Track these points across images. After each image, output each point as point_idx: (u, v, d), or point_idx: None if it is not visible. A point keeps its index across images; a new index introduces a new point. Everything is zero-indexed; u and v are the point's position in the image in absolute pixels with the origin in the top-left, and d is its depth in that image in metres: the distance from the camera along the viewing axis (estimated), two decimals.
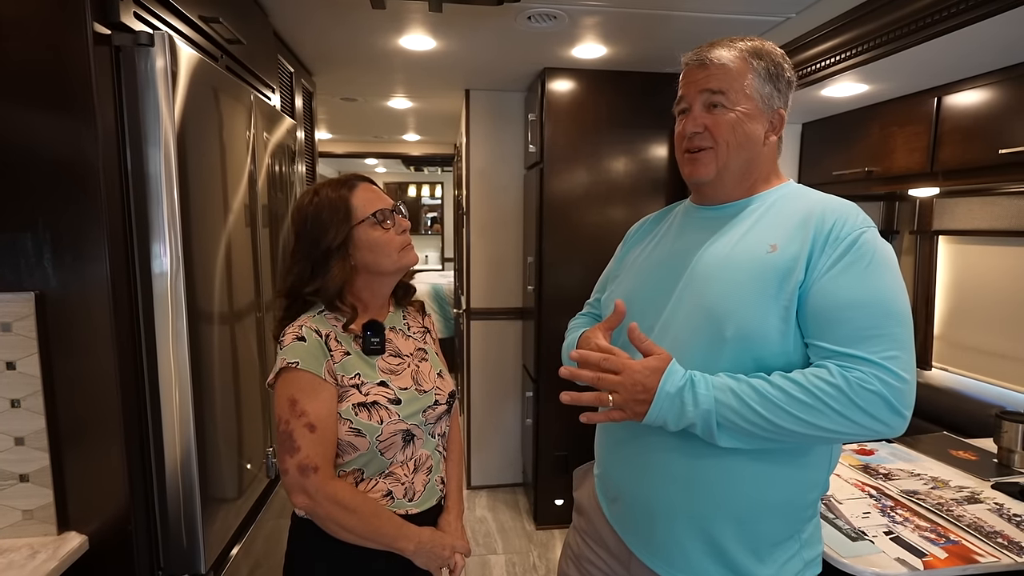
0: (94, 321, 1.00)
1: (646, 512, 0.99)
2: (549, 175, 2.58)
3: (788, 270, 0.88)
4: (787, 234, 0.91)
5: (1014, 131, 1.57)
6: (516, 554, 2.62)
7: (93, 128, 0.96)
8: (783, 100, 0.98)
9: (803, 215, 0.92)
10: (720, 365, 0.90)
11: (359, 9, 1.78)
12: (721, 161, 0.97)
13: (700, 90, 0.97)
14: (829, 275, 0.86)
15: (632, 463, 1.01)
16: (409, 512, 1.08)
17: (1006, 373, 2.03)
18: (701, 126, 0.96)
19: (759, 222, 0.95)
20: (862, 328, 0.84)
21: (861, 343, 0.83)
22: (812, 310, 0.87)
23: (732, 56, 0.95)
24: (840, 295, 0.85)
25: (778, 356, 0.89)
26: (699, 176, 0.99)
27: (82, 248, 0.99)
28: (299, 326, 1.03)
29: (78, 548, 1.02)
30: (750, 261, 0.91)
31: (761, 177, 1.00)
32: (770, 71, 0.95)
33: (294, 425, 0.98)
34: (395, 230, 1.07)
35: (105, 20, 0.97)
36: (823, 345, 0.86)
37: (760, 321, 0.88)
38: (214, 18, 1.32)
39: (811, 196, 0.97)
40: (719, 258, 0.95)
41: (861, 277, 0.86)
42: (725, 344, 0.89)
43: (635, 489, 1.00)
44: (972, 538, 1.24)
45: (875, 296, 0.85)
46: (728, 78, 0.94)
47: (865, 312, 0.84)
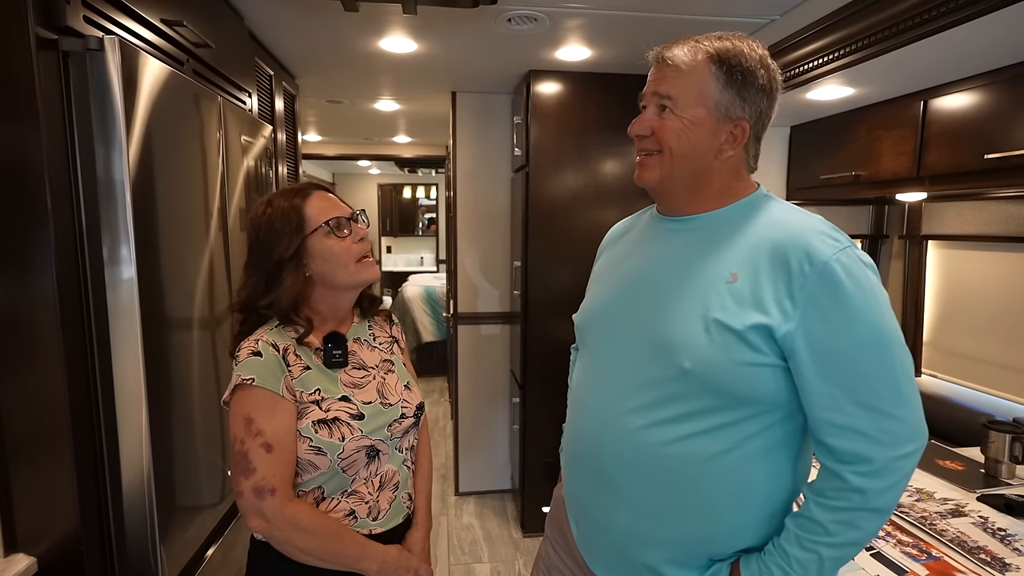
0: (41, 333, 0.97)
1: (605, 535, 0.96)
2: (535, 178, 2.55)
3: (748, 303, 0.82)
4: (746, 263, 0.84)
5: (1000, 135, 1.54)
6: (502, 563, 2.59)
7: (37, 135, 0.92)
8: (750, 110, 0.88)
9: (766, 244, 0.85)
10: (683, 397, 0.86)
11: (334, 11, 1.74)
12: (666, 169, 0.91)
13: (652, 91, 0.91)
14: (806, 324, 0.80)
15: (589, 480, 0.98)
16: (373, 532, 1.05)
17: (996, 380, 2.00)
18: (648, 129, 0.91)
19: (720, 245, 0.89)
20: (852, 392, 0.80)
21: (853, 413, 0.80)
22: (800, 365, 0.82)
23: (688, 59, 0.87)
24: (822, 349, 0.80)
25: (743, 390, 0.84)
26: (644, 180, 0.94)
27: (27, 258, 0.95)
28: (255, 340, 0.99)
29: (26, 570, 0.98)
30: (709, 289, 0.85)
31: (718, 191, 0.92)
32: (734, 78, 0.86)
33: (250, 445, 0.94)
34: (352, 238, 1.04)
35: (49, 24, 0.94)
36: (819, 419, 0.83)
37: (719, 353, 0.82)
38: (178, 21, 1.29)
39: (775, 216, 0.89)
40: (678, 284, 0.89)
41: (841, 320, 0.79)
42: (686, 377, 0.85)
43: (594, 511, 0.97)
44: (954, 554, 1.20)
45: (861, 339, 0.79)
46: (680, 82, 0.88)
47: (853, 365, 0.79)
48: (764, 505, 0.89)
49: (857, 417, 0.80)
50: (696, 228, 0.94)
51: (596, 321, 1.02)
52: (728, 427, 0.85)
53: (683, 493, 0.87)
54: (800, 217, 0.88)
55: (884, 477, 0.80)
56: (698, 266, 0.89)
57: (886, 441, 0.80)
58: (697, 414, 0.86)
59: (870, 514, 0.82)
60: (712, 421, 0.85)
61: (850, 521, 0.82)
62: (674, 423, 0.87)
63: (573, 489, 1.03)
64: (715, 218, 0.93)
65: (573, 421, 1.03)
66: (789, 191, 2.56)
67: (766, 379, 0.83)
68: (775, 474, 0.88)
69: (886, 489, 0.81)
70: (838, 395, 0.80)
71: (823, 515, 0.82)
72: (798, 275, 0.80)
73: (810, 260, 0.80)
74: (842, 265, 0.80)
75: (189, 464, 1.29)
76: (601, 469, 0.94)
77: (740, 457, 0.86)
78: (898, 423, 0.80)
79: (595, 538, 0.99)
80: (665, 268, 0.93)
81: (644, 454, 0.88)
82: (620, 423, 0.91)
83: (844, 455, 0.81)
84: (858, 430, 0.80)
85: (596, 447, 0.94)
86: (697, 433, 0.86)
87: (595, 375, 0.99)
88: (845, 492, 0.81)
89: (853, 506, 0.81)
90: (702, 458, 0.86)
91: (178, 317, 1.25)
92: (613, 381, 0.94)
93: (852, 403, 0.80)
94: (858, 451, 0.80)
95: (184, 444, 1.27)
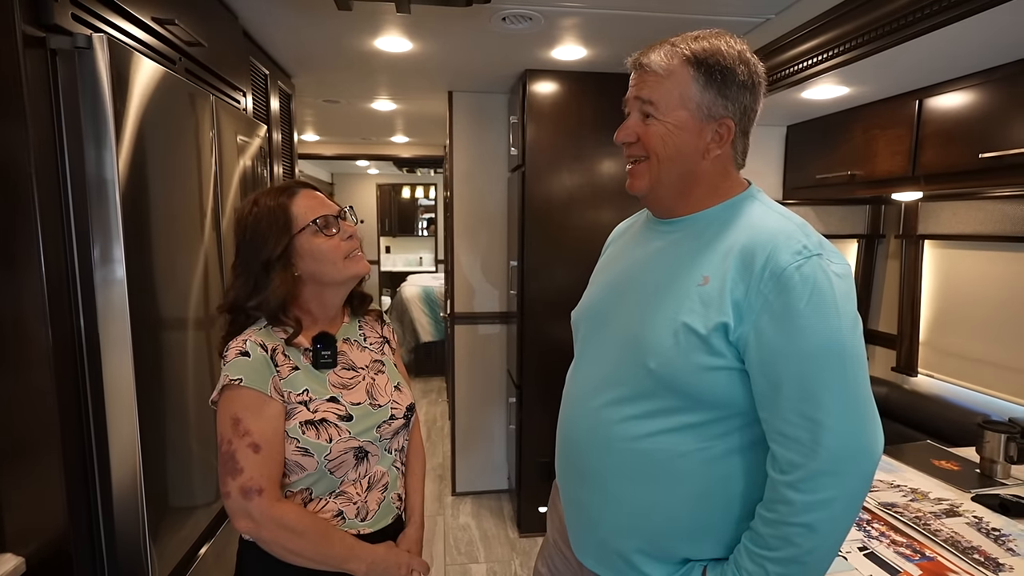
0: (30, 334, 0.97)
1: (586, 524, 0.97)
2: (531, 178, 2.55)
3: (714, 306, 0.82)
4: (717, 266, 0.85)
5: (995, 135, 1.54)
6: (498, 563, 2.58)
7: (25, 133, 0.92)
8: (733, 107, 0.87)
9: (737, 245, 0.85)
10: (649, 395, 0.87)
11: (328, 10, 1.74)
12: (654, 175, 0.91)
13: (634, 96, 0.91)
14: (759, 327, 0.80)
15: (571, 470, 1.00)
16: (362, 532, 1.04)
17: (992, 380, 2.00)
18: (634, 135, 0.91)
19: (700, 248, 0.89)
20: (796, 400, 0.78)
21: (794, 423, 0.78)
22: (750, 369, 0.82)
23: (666, 62, 0.87)
24: (769, 352, 0.79)
25: (704, 393, 0.84)
26: (634, 189, 0.95)
27: (14, 258, 0.95)
28: (243, 340, 0.98)
29: (13, 570, 0.98)
30: (681, 291, 0.86)
31: (706, 192, 0.92)
32: (714, 77, 0.86)
33: (237, 445, 0.94)
34: (340, 236, 1.03)
35: (37, 22, 0.93)
36: (767, 423, 0.83)
37: (680, 355, 0.83)
38: (169, 20, 1.28)
39: (752, 219, 0.88)
40: (654, 284, 0.91)
41: (790, 326, 0.78)
42: (651, 376, 0.86)
43: (577, 501, 0.99)
44: (948, 554, 1.20)
45: (807, 348, 0.78)
46: (659, 87, 0.87)
47: (797, 372, 0.78)
48: (728, 508, 0.88)
49: (796, 425, 0.78)
50: (681, 230, 0.94)
51: (587, 317, 1.05)
52: (695, 427, 0.86)
53: (653, 487, 0.89)
54: (776, 220, 0.87)
55: (812, 491, 0.77)
56: (676, 268, 0.90)
57: (820, 454, 0.77)
58: (665, 412, 0.87)
59: (802, 530, 0.78)
60: (679, 420, 0.86)
61: (784, 537, 0.79)
62: (646, 418, 0.88)
63: (561, 478, 1.06)
64: (700, 219, 0.93)
65: (561, 413, 1.06)
66: (785, 191, 2.55)
67: (724, 383, 0.83)
68: (739, 478, 0.87)
69: (814, 504, 0.77)
70: (781, 402, 0.79)
71: (763, 528, 0.82)
72: (757, 278, 0.80)
73: (771, 265, 0.80)
74: (802, 274, 0.78)
75: (182, 463, 1.29)
76: (582, 459, 0.96)
77: (706, 458, 0.86)
78: (836, 437, 0.77)
79: (578, 526, 1.01)
80: (649, 269, 0.95)
81: (618, 447, 0.90)
82: (597, 415, 0.93)
83: (782, 463, 0.80)
84: (795, 438, 0.79)
85: (578, 437, 0.97)
86: (667, 430, 0.87)
87: (581, 369, 1.02)
88: (775, 503, 0.80)
89: (781, 518, 0.79)
90: (672, 455, 0.87)
91: (171, 318, 1.24)
92: (594, 375, 0.96)
93: (793, 411, 0.79)
94: (792, 459, 0.79)
95: (177, 444, 1.26)
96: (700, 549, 0.90)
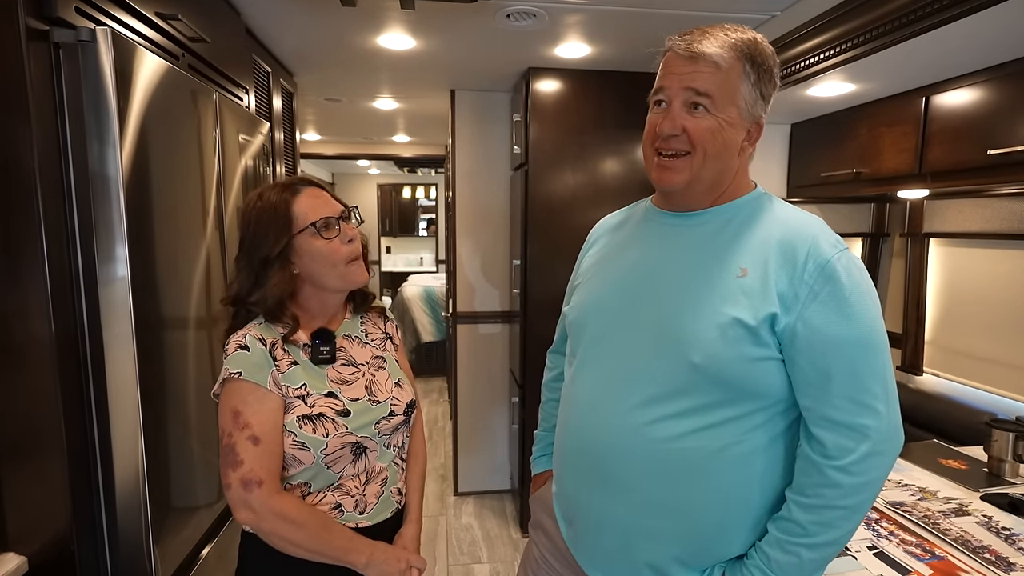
0: (32, 331, 0.96)
1: (605, 534, 0.94)
2: (534, 177, 2.54)
3: (758, 298, 0.83)
4: (755, 258, 0.86)
5: (1003, 132, 1.53)
6: (500, 563, 2.57)
7: (28, 128, 0.91)
8: (765, 107, 0.89)
9: (773, 238, 0.86)
10: (689, 391, 0.86)
11: (332, 7, 1.73)
12: (695, 170, 0.88)
13: (684, 87, 0.86)
14: (805, 317, 0.82)
15: (588, 478, 0.96)
16: (360, 525, 1.04)
17: (998, 379, 1.99)
18: (679, 128, 0.86)
19: (728, 240, 0.89)
20: (846, 387, 0.82)
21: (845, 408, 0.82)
22: (796, 358, 0.83)
23: (726, 55, 0.84)
24: (819, 341, 0.82)
25: (751, 385, 0.85)
26: (671, 184, 0.90)
27: (17, 255, 0.94)
28: (243, 334, 0.98)
29: (16, 569, 0.97)
30: (720, 284, 0.86)
31: (729, 188, 0.93)
32: (760, 76, 0.86)
33: (237, 438, 0.94)
34: (340, 239, 1.02)
35: (40, 15, 0.92)
36: (811, 410, 0.85)
37: (730, 348, 0.83)
38: (173, 15, 1.27)
39: (778, 213, 0.91)
40: (687, 279, 0.89)
41: (838, 316, 0.81)
42: (695, 371, 0.85)
43: (594, 510, 0.95)
44: (959, 553, 1.19)
45: (855, 335, 0.82)
46: (717, 79, 0.84)
47: (846, 359, 0.82)
48: (766, 498, 0.89)
49: (846, 411, 0.82)
50: (702, 223, 0.93)
51: (596, 316, 1.00)
52: (733, 421, 0.86)
53: (689, 488, 0.87)
54: (805, 216, 0.91)
55: (862, 473, 0.81)
56: (707, 261, 0.89)
57: (872, 436, 0.82)
58: (702, 409, 0.86)
59: (844, 512, 0.82)
60: (718, 415, 0.86)
61: (826, 522, 0.82)
62: (680, 418, 0.86)
63: (569, 489, 1.01)
64: (722, 212, 0.92)
65: (568, 419, 1.01)
66: (789, 189, 2.54)
67: (768, 373, 0.85)
68: (775, 466, 0.89)
69: (860, 487, 0.82)
70: (831, 388, 0.82)
71: (802, 515, 0.83)
72: (801, 269, 0.82)
73: (814, 256, 0.83)
74: (843, 265, 0.83)
75: (184, 463, 1.28)
76: (602, 467, 0.92)
77: (744, 451, 0.86)
78: (884, 421, 0.82)
79: (593, 538, 0.97)
80: (672, 263, 0.93)
81: (649, 450, 0.88)
82: (624, 419, 0.90)
83: (830, 448, 0.82)
84: (845, 423, 0.82)
85: (597, 445, 0.93)
86: (702, 428, 0.86)
87: (594, 371, 0.97)
88: (821, 488, 0.82)
89: (827, 503, 0.82)
90: (707, 453, 0.86)
91: (173, 316, 1.23)
92: (615, 376, 0.93)
93: (842, 396, 0.82)
94: (844, 444, 0.82)
95: (179, 443, 1.25)
96: (735, 544, 0.89)
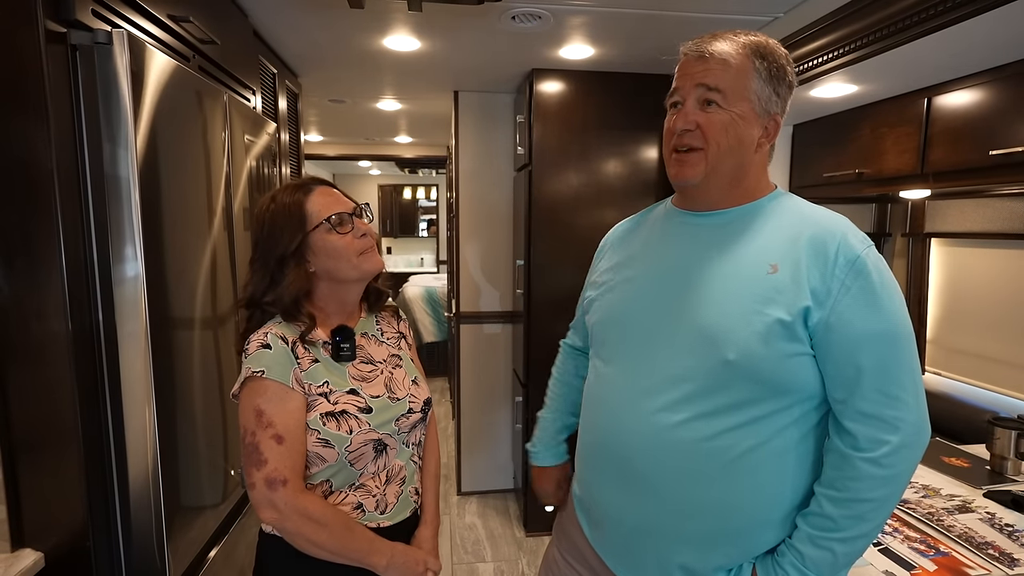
0: (49, 328, 0.97)
1: (634, 536, 0.95)
2: (538, 177, 2.55)
3: (791, 293, 0.84)
4: (786, 254, 0.87)
5: (1005, 132, 1.54)
6: (505, 562, 2.58)
7: (46, 129, 0.92)
8: (781, 105, 0.91)
9: (803, 235, 0.87)
10: (722, 389, 0.86)
11: (339, 9, 1.74)
12: (710, 164, 0.90)
13: (696, 84, 0.89)
14: (838, 311, 0.83)
15: (615, 479, 0.96)
16: (381, 525, 1.05)
17: (1000, 378, 2.00)
18: (693, 123, 0.89)
19: (755, 238, 0.90)
20: (877, 379, 0.83)
21: (877, 400, 0.83)
22: (829, 352, 0.85)
23: (734, 52, 0.88)
24: (851, 334, 0.83)
25: (785, 381, 0.85)
26: (686, 178, 0.92)
27: (35, 252, 0.95)
28: (264, 333, 0.99)
29: (33, 566, 0.98)
30: (751, 281, 0.87)
31: (751, 185, 0.94)
32: (772, 73, 0.89)
33: (260, 437, 0.94)
34: (354, 234, 1.03)
35: (58, 17, 0.93)
36: (843, 403, 0.86)
37: (765, 344, 0.84)
38: (184, 17, 1.29)
39: (804, 210, 0.93)
40: (718, 276, 0.89)
41: (869, 310, 0.83)
42: (728, 368, 0.85)
43: (622, 512, 0.96)
44: (963, 549, 1.20)
45: (885, 329, 0.83)
46: (727, 75, 0.88)
47: (878, 352, 0.83)
48: (797, 494, 0.90)
49: (878, 403, 0.83)
50: (727, 222, 0.94)
51: (622, 317, 1.00)
52: (766, 418, 0.87)
53: (723, 488, 0.87)
54: (832, 213, 0.92)
55: (893, 465, 0.83)
56: (736, 259, 0.90)
57: (903, 428, 0.83)
58: (736, 406, 0.86)
59: (875, 505, 0.84)
60: (751, 413, 0.86)
61: (858, 514, 0.83)
62: (713, 416, 0.87)
63: (595, 490, 1.01)
64: (746, 211, 0.94)
65: (595, 421, 1.01)
66: (792, 189, 2.55)
67: (802, 368, 0.86)
68: (805, 461, 0.89)
69: (890, 479, 0.83)
70: (863, 381, 0.83)
71: (833, 509, 0.84)
72: (832, 264, 0.84)
73: (844, 252, 0.84)
74: (872, 261, 0.85)
75: (192, 463, 1.29)
76: (630, 468, 0.93)
77: (777, 448, 0.87)
78: (914, 413, 0.84)
79: (620, 539, 0.97)
80: (699, 262, 0.93)
81: (679, 451, 0.88)
82: (652, 420, 0.90)
83: (862, 440, 0.83)
84: (877, 416, 0.83)
85: (624, 446, 0.93)
86: (736, 427, 0.87)
87: (620, 372, 0.97)
88: (852, 481, 0.83)
89: (858, 496, 0.83)
90: (741, 451, 0.86)
91: (181, 316, 1.24)
92: (641, 377, 0.93)
93: (874, 389, 0.83)
94: (876, 436, 0.83)
95: (188, 443, 1.26)
96: (773, 539, 0.90)
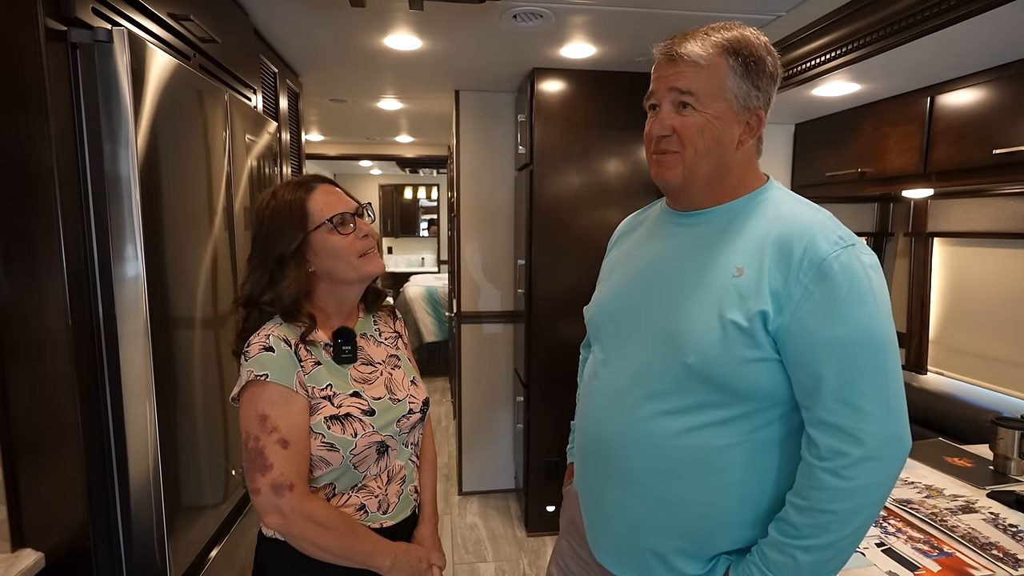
0: (49, 326, 0.96)
1: (611, 520, 0.96)
2: (539, 177, 2.55)
3: (752, 298, 0.82)
4: (752, 256, 0.85)
5: (1008, 131, 1.54)
6: (506, 562, 2.58)
7: (46, 127, 0.92)
8: (763, 99, 0.88)
9: (771, 236, 0.85)
10: (686, 391, 0.86)
11: (340, 7, 1.74)
12: (688, 166, 0.89)
13: (669, 88, 0.88)
14: (799, 317, 0.80)
15: (601, 468, 0.98)
16: (384, 525, 1.04)
17: (1003, 377, 2.00)
18: (669, 128, 0.88)
19: (731, 239, 0.88)
20: (838, 389, 0.79)
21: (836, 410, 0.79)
22: (789, 359, 0.82)
23: (705, 52, 0.85)
24: (811, 341, 0.80)
25: (743, 386, 0.84)
26: (665, 179, 0.92)
27: (36, 251, 0.95)
28: (265, 335, 0.97)
29: (33, 566, 0.97)
30: (717, 284, 0.86)
31: (733, 183, 0.92)
32: (748, 67, 0.86)
33: (265, 441, 0.93)
34: (356, 235, 1.02)
35: (59, 15, 0.93)
36: (808, 410, 0.83)
37: (723, 350, 0.83)
38: (185, 16, 1.28)
39: (781, 209, 0.89)
40: (689, 278, 0.89)
41: (830, 316, 0.79)
42: (688, 371, 0.85)
43: (601, 500, 0.98)
44: (966, 550, 1.20)
45: (847, 336, 0.79)
46: (699, 77, 0.85)
47: (838, 361, 0.79)
48: (774, 497, 0.89)
49: (839, 414, 0.79)
50: (707, 222, 0.93)
51: (608, 314, 1.02)
52: (734, 421, 0.86)
53: (690, 484, 0.88)
54: (808, 211, 0.88)
55: (853, 478, 0.78)
56: (707, 261, 0.89)
57: (866, 441, 0.78)
58: (702, 407, 0.86)
59: (836, 517, 0.79)
60: (718, 414, 0.86)
61: (819, 524, 0.80)
62: (680, 415, 0.87)
63: (584, 480, 1.04)
64: (726, 211, 0.92)
65: (584, 411, 1.03)
66: (793, 188, 2.55)
67: (764, 374, 0.83)
68: (784, 467, 0.88)
69: (853, 491, 0.78)
70: (823, 390, 0.80)
71: (796, 517, 0.82)
72: (796, 268, 0.81)
73: (810, 254, 0.81)
74: (841, 264, 0.80)
75: (193, 463, 1.29)
76: (612, 458, 0.94)
77: (746, 450, 0.86)
78: (878, 424, 0.79)
79: (604, 528, 0.99)
80: (675, 262, 0.93)
81: (652, 444, 0.89)
82: (630, 413, 0.91)
83: (823, 450, 0.80)
84: (837, 426, 0.79)
85: (607, 437, 0.95)
86: (703, 426, 0.86)
87: (607, 366, 0.99)
88: (813, 490, 0.80)
89: (816, 505, 0.80)
90: (709, 450, 0.86)
91: (182, 315, 1.24)
92: (623, 372, 0.95)
93: (834, 399, 0.79)
94: (836, 447, 0.79)
95: (188, 443, 1.26)
96: (738, 541, 0.90)
